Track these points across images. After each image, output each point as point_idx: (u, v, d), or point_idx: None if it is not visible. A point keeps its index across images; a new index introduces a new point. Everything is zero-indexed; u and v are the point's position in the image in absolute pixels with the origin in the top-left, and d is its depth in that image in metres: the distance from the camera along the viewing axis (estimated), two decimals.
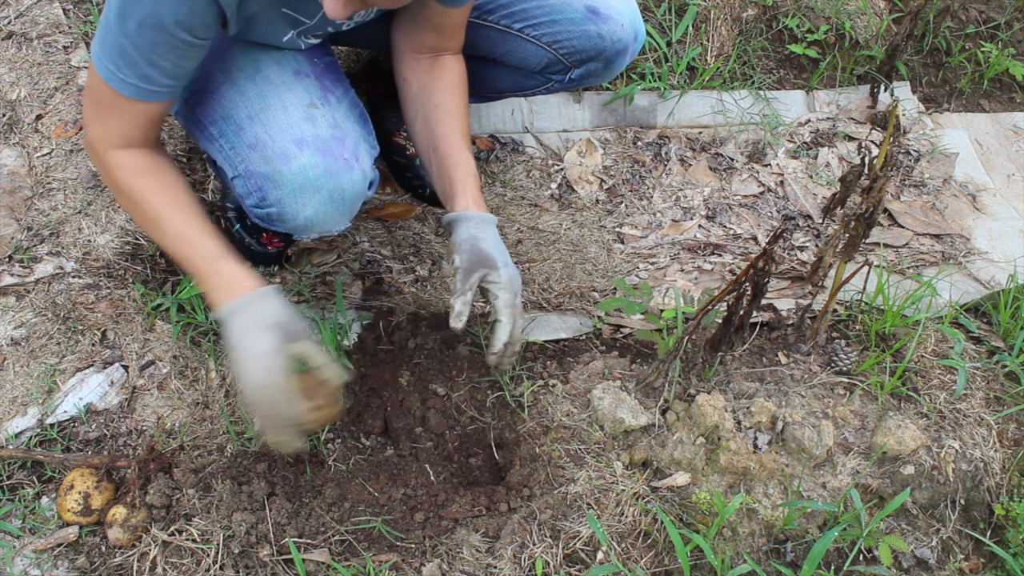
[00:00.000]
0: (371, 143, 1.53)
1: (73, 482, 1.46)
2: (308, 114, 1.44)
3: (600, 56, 1.75)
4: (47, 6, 2.15)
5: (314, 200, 1.44)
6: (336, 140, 1.44)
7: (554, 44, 1.72)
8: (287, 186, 1.42)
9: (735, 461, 1.58)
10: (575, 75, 1.80)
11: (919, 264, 2.16)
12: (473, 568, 1.45)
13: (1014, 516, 1.64)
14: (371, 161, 1.51)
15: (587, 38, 1.71)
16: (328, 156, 1.43)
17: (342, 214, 1.50)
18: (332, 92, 1.50)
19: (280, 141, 1.41)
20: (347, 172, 1.45)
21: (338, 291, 1.83)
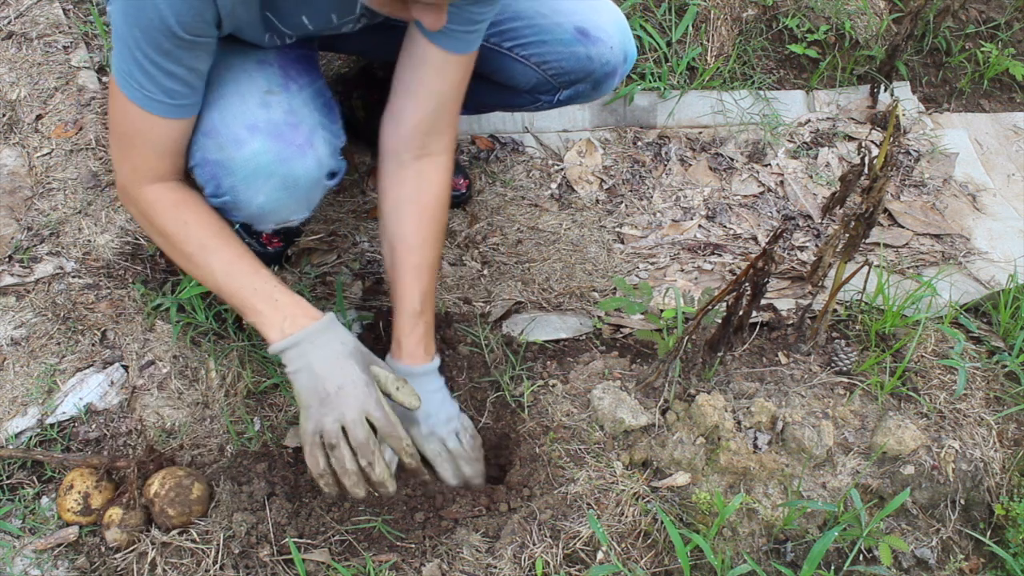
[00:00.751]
0: (333, 132, 1.48)
1: (73, 482, 1.45)
2: (263, 100, 1.40)
3: (588, 78, 1.73)
4: (47, 6, 2.15)
5: (266, 186, 1.41)
6: (290, 126, 1.40)
7: (543, 65, 1.71)
8: (239, 172, 1.39)
9: (735, 461, 1.58)
10: (563, 96, 1.78)
11: (919, 264, 2.16)
12: (473, 568, 1.45)
13: (1014, 516, 1.64)
14: (330, 149, 1.46)
15: (576, 60, 1.69)
16: (280, 141, 1.39)
17: (298, 202, 1.46)
18: (295, 80, 1.46)
19: (233, 127, 1.38)
20: (299, 158, 1.41)
21: (338, 291, 1.83)
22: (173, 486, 1.44)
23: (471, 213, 2.15)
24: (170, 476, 1.45)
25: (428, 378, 1.57)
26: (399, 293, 1.56)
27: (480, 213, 2.15)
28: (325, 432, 1.34)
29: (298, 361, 1.36)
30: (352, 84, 2.15)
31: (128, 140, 1.37)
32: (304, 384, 1.36)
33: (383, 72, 2.12)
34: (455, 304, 1.91)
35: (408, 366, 1.55)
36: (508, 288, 1.97)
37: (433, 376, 1.58)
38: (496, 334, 1.84)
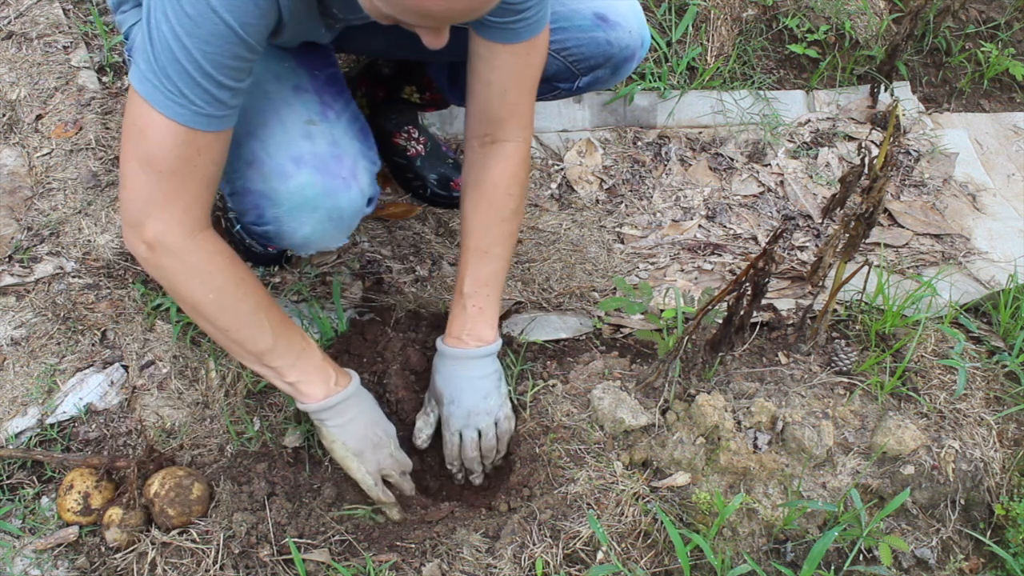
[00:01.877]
0: (371, 159, 1.50)
1: (73, 482, 1.45)
2: (306, 131, 1.42)
3: (608, 63, 1.74)
4: (47, 6, 2.15)
5: (312, 219, 1.42)
6: (334, 158, 1.42)
7: (563, 52, 1.71)
8: (284, 204, 1.40)
9: (735, 461, 1.58)
10: (582, 83, 1.78)
11: (919, 264, 2.16)
12: (473, 568, 1.45)
13: (1014, 516, 1.64)
14: (370, 178, 1.48)
15: (595, 45, 1.70)
16: (326, 175, 1.41)
17: (340, 231, 1.49)
18: (331, 107, 1.48)
19: (278, 159, 1.39)
20: (345, 191, 1.43)
21: (335, 291, 1.83)
22: (173, 486, 1.44)
23: None
24: (170, 476, 1.45)
25: (469, 363, 1.59)
26: (458, 273, 1.61)
27: None
28: (386, 469, 1.54)
29: (348, 414, 1.49)
30: (356, 83, 2.15)
31: (177, 175, 1.25)
32: (357, 433, 1.50)
33: (390, 69, 2.12)
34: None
35: (448, 347, 1.59)
36: (508, 288, 1.97)
37: (475, 361, 1.59)
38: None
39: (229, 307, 1.36)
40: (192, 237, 1.29)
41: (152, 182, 1.25)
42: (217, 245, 1.34)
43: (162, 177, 1.24)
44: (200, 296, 1.34)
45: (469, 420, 1.58)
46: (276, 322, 1.42)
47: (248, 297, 1.37)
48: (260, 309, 1.39)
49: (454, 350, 1.58)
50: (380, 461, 1.53)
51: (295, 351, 1.44)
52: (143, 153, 1.23)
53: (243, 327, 1.39)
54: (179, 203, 1.27)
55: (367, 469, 1.51)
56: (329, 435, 1.50)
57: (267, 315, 1.40)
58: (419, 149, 2.09)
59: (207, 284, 1.33)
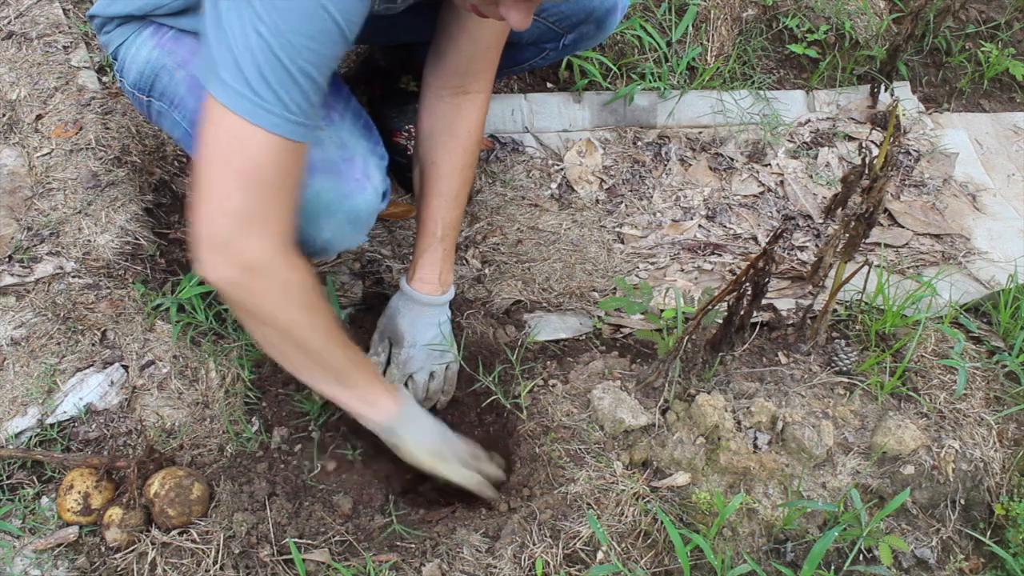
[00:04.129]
0: (379, 154, 1.50)
1: (73, 482, 1.45)
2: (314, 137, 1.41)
3: (591, 17, 1.74)
4: (47, 6, 2.15)
5: (331, 223, 1.43)
6: (346, 161, 1.42)
7: (543, 12, 1.70)
8: (302, 214, 1.36)
9: (735, 461, 1.58)
10: (568, 40, 1.79)
11: (919, 264, 2.16)
12: (473, 568, 1.45)
13: (1014, 516, 1.64)
14: (382, 174, 1.48)
15: (575, 2, 1.70)
16: (339, 179, 1.40)
17: (359, 232, 1.50)
18: (334, 109, 1.47)
19: None
20: (360, 192, 1.43)
21: (330, 290, 1.83)
22: (173, 486, 1.44)
23: (471, 213, 2.15)
24: (170, 476, 1.45)
25: (431, 309, 1.62)
26: (423, 217, 1.62)
27: (480, 213, 2.15)
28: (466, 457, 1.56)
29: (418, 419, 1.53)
30: (355, 82, 2.15)
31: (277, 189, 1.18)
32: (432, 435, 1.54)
33: (385, 62, 2.12)
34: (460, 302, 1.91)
35: (417, 292, 1.61)
36: (508, 287, 1.97)
37: (437, 308, 1.63)
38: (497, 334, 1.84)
39: (319, 326, 1.33)
40: (289, 257, 1.24)
41: (248, 197, 1.17)
42: (306, 263, 1.30)
43: (261, 192, 1.17)
44: (293, 317, 1.28)
45: (426, 363, 1.63)
46: (349, 342, 1.41)
47: (330, 317, 1.36)
48: (340, 328, 1.39)
49: (423, 296, 1.61)
50: (458, 453, 1.54)
51: (367, 369, 1.47)
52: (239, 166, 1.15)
53: (333, 346, 1.36)
54: (279, 220, 1.21)
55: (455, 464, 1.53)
56: (407, 445, 1.50)
57: (344, 335, 1.40)
58: None
59: (302, 303, 1.28)
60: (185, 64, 1.49)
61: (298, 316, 1.29)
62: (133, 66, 1.55)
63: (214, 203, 1.17)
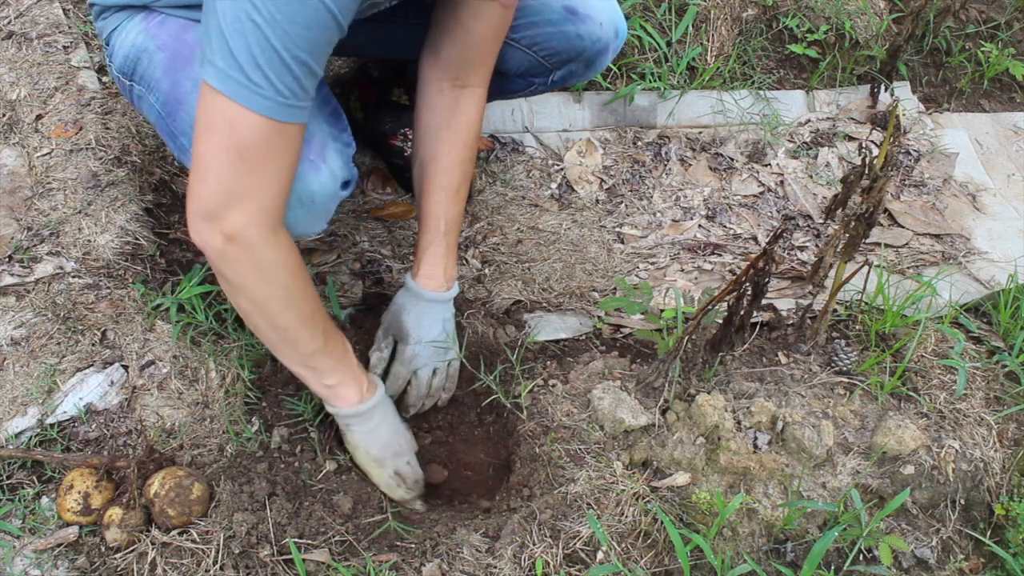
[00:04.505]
0: (343, 140, 1.48)
1: (73, 482, 1.45)
2: None
3: (580, 57, 1.74)
4: (47, 6, 2.15)
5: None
6: (302, 142, 1.39)
7: (533, 47, 1.71)
8: None
9: (735, 461, 1.58)
10: (557, 77, 1.79)
11: (919, 264, 2.16)
12: (473, 568, 1.45)
13: (1014, 516, 1.64)
14: (342, 160, 1.46)
15: (566, 39, 1.70)
16: None
17: (315, 216, 1.47)
18: None
19: None
20: (314, 173, 1.41)
21: (330, 290, 1.83)
22: (173, 486, 1.44)
23: (471, 213, 2.15)
24: (170, 476, 1.45)
25: (436, 305, 1.63)
26: (426, 211, 1.62)
27: (480, 213, 2.15)
28: (403, 474, 1.57)
29: (375, 421, 1.54)
30: (350, 86, 2.15)
31: (267, 166, 1.24)
32: (381, 440, 1.55)
33: (379, 72, 2.12)
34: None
35: (423, 288, 1.61)
36: (508, 287, 1.97)
37: (442, 305, 1.64)
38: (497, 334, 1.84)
39: (293, 306, 1.36)
40: (273, 233, 1.28)
41: (241, 174, 1.22)
42: (291, 242, 1.34)
43: (251, 170, 1.23)
44: (268, 293, 1.33)
45: (430, 360, 1.64)
46: (328, 325, 1.44)
47: (309, 298, 1.39)
48: (317, 310, 1.41)
49: (431, 293, 1.61)
50: (398, 467, 1.57)
51: (338, 355, 1.47)
52: (231, 146, 1.21)
53: (302, 327, 1.40)
54: (266, 197, 1.26)
55: (387, 474, 1.56)
56: (354, 441, 1.54)
57: (321, 317, 1.42)
58: None
59: (277, 281, 1.32)
60: (164, 47, 1.48)
61: (272, 292, 1.33)
62: (120, 51, 1.55)
63: (208, 178, 1.23)
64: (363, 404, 1.50)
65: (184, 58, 1.46)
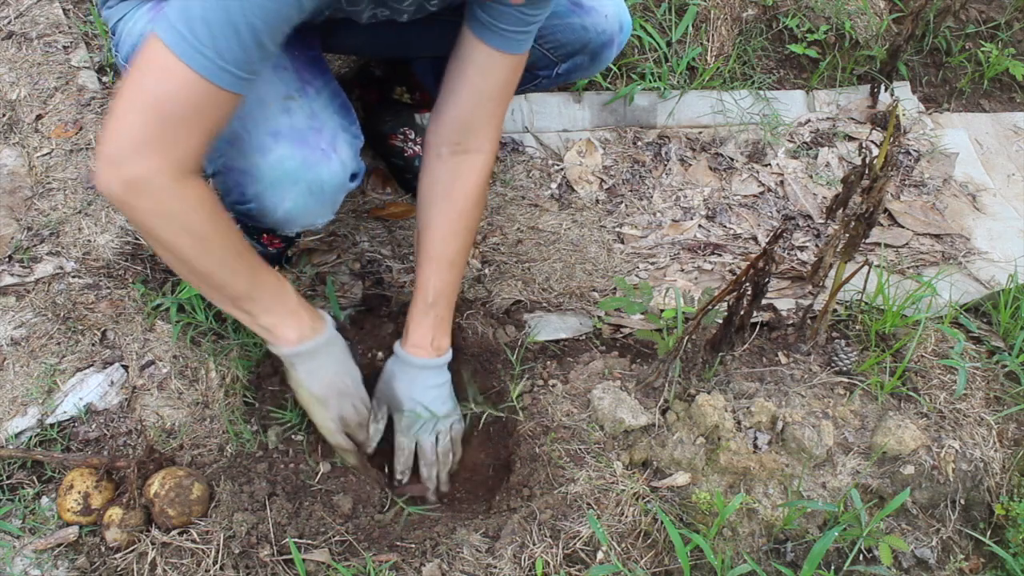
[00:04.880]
0: (353, 132, 1.49)
1: (73, 482, 1.45)
2: (284, 106, 1.41)
3: (585, 49, 1.74)
4: (47, 6, 2.15)
5: (292, 192, 1.41)
6: (313, 131, 1.41)
7: (539, 39, 1.69)
8: (264, 179, 1.40)
9: (735, 461, 1.58)
10: (561, 69, 1.79)
11: (919, 264, 2.16)
12: (473, 568, 1.45)
13: (1014, 516, 1.64)
14: (352, 151, 1.47)
15: (571, 31, 1.70)
16: (305, 147, 1.40)
17: (323, 206, 1.47)
18: (311, 84, 1.46)
19: (256, 135, 1.38)
20: (325, 162, 1.41)
21: (330, 291, 1.83)
22: (173, 486, 1.44)
23: None
24: (170, 476, 1.45)
25: (428, 372, 1.60)
26: (417, 282, 1.60)
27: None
28: (347, 417, 1.55)
29: (318, 359, 1.48)
30: (351, 84, 2.15)
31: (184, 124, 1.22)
32: (324, 379, 1.51)
33: (380, 71, 2.12)
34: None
35: (411, 356, 1.59)
36: (508, 287, 1.97)
37: (434, 371, 1.60)
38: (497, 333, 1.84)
39: (208, 251, 1.33)
40: (178, 182, 1.25)
41: (152, 124, 1.21)
42: (202, 190, 1.29)
43: (166, 122, 1.21)
44: (175, 240, 1.30)
45: (427, 425, 1.60)
46: (255, 266, 1.40)
47: (228, 242, 1.35)
48: (237, 255, 1.37)
49: (417, 360, 1.58)
50: (342, 409, 1.54)
51: (270, 295, 1.43)
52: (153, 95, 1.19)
53: (222, 271, 1.36)
54: (175, 151, 1.23)
55: (329, 415, 1.53)
56: (297, 379, 1.50)
57: (244, 260, 1.38)
58: (416, 149, 2.10)
59: (184, 228, 1.29)
60: None
61: (183, 240, 1.30)
62: (127, 40, 1.54)
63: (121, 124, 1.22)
64: (303, 344, 1.45)
65: None
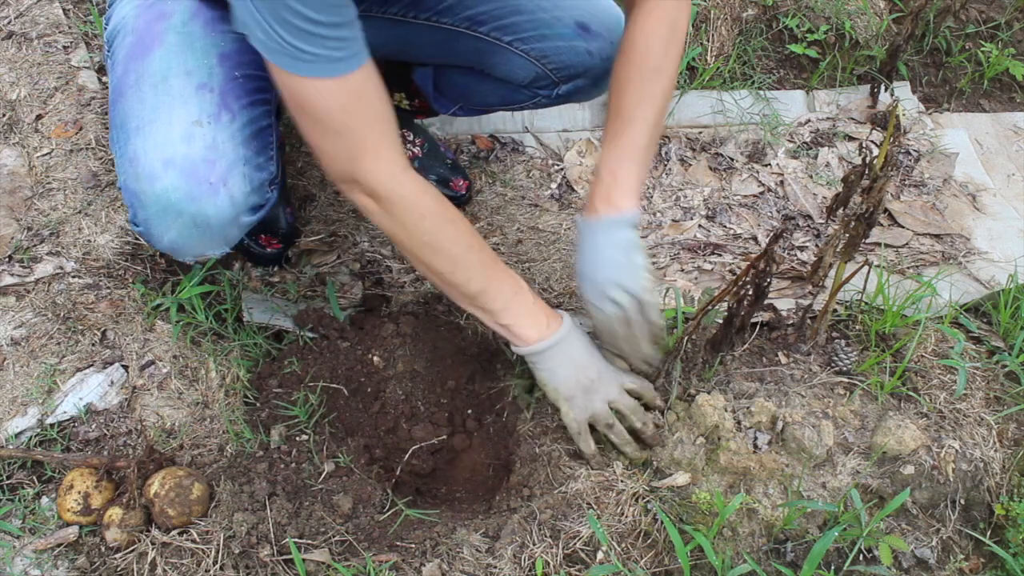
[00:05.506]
0: (255, 165, 1.43)
1: (73, 482, 1.45)
2: (188, 132, 1.37)
3: (587, 73, 1.73)
4: (47, 6, 2.15)
5: (176, 224, 1.39)
6: (206, 163, 1.37)
7: (543, 59, 1.70)
8: (151, 207, 1.38)
9: (735, 461, 1.58)
10: (562, 90, 1.77)
11: (919, 264, 2.16)
12: (473, 568, 1.45)
13: (1014, 516, 1.64)
14: (248, 186, 1.42)
15: (576, 54, 1.69)
16: (191, 179, 1.36)
17: (212, 239, 1.45)
18: (229, 109, 1.41)
19: (150, 159, 1.37)
20: (210, 197, 1.38)
21: (330, 292, 1.83)
22: (173, 486, 1.44)
23: (471, 213, 2.15)
24: (170, 476, 1.45)
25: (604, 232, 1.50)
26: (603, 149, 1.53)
27: (480, 213, 2.15)
28: (597, 415, 1.53)
29: (558, 358, 1.50)
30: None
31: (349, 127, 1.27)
32: (568, 376, 1.51)
33: (380, 73, 2.11)
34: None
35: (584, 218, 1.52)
36: None
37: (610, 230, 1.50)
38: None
39: (442, 250, 1.39)
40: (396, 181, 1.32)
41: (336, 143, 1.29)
42: (421, 187, 1.35)
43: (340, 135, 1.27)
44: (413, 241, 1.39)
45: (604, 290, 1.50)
46: (488, 263, 1.44)
47: (460, 239, 1.40)
48: (472, 251, 1.41)
49: (587, 221, 1.52)
50: (591, 408, 1.52)
51: (508, 293, 1.46)
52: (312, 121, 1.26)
53: (457, 270, 1.42)
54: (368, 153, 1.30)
55: (575, 416, 1.53)
56: (541, 379, 1.53)
57: (479, 256, 1.42)
58: (415, 151, 2.10)
59: (419, 228, 1.37)
60: (135, 31, 1.47)
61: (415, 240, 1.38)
62: (112, 21, 1.55)
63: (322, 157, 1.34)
64: (542, 343, 1.48)
65: (144, 48, 1.44)
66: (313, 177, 2.13)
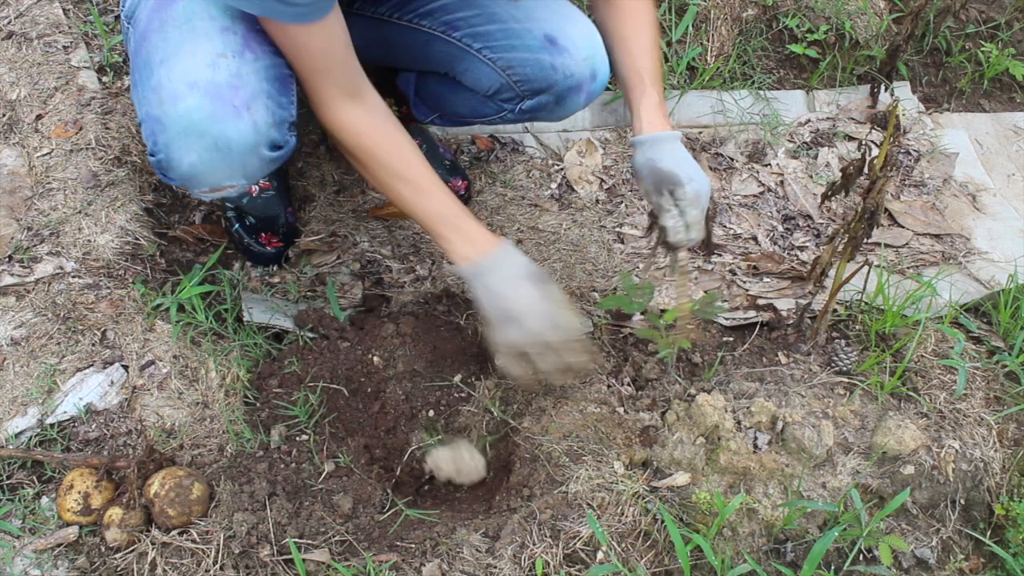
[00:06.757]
0: (279, 103, 1.44)
1: (73, 482, 1.45)
2: (213, 61, 1.37)
3: (551, 89, 1.68)
4: (47, 6, 2.15)
5: (197, 145, 1.38)
6: (231, 88, 1.37)
7: (507, 69, 1.67)
8: (172, 128, 1.36)
9: (735, 461, 1.58)
10: (525, 106, 1.72)
11: (919, 264, 2.16)
12: (473, 568, 1.45)
13: (1014, 516, 1.64)
14: (271, 118, 1.42)
15: (539, 67, 1.65)
16: (216, 100, 1.36)
17: (231, 167, 1.43)
18: (253, 51, 1.42)
19: (174, 83, 1.36)
20: (233, 119, 1.37)
21: (330, 292, 1.83)
22: (173, 486, 1.44)
23: None
24: (170, 476, 1.45)
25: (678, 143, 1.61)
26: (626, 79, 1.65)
27: (480, 213, 2.15)
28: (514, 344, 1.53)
29: (483, 282, 1.53)
30: None
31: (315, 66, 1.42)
32: (490, 305, 1.53)
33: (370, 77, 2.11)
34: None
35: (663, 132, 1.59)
36: None
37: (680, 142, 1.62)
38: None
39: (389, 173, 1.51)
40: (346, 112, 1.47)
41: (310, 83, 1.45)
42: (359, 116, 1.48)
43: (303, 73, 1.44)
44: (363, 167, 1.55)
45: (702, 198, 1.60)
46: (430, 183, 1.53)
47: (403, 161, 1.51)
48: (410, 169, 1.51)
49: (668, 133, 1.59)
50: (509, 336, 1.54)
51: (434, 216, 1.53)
52: (294, 64, 1.43)
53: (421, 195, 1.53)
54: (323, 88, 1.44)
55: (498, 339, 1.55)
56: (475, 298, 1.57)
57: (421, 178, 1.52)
58: None
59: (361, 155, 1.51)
60: None
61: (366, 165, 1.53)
62: None
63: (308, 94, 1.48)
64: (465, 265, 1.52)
65: (167, 1, 1.45)
66: (313, 177, 2.13)
